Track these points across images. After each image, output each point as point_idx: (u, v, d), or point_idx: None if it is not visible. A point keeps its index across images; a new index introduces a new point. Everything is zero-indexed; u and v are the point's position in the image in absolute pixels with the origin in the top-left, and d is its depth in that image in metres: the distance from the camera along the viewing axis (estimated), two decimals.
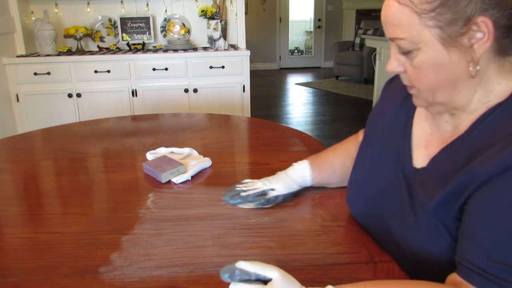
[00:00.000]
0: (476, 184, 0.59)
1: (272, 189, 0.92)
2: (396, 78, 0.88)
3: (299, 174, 0.95)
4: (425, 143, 0.74)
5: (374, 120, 0.90)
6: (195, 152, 1.25)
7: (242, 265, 0.58)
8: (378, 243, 0.77)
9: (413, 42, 0.63)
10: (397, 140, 0.79)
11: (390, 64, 0.69)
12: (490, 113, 0.64)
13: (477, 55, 0.61)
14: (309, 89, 6.57)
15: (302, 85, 6.90)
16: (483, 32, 0.59)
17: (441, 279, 0.61)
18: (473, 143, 0.64)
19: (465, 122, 0.67)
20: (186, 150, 1.24)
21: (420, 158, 0.73)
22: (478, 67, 0.62)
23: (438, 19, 0.60)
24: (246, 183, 0.97)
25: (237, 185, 0.97)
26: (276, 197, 0.91)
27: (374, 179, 0.81)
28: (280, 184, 0.93)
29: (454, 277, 0.60)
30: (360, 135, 0.97)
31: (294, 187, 0.94)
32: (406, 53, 0.65)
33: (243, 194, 0.92)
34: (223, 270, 0.58)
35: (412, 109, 0.79)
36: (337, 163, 0.98)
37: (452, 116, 0.70)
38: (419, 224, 0.67)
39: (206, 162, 1.17)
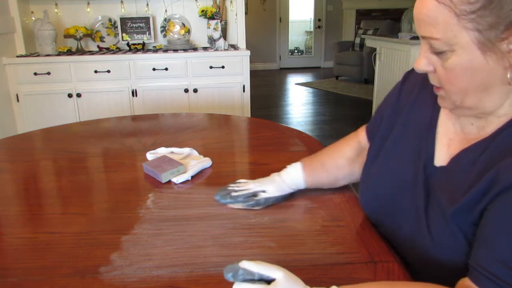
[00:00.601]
0: (497, 189, 0.57)
1: (264, 191, 0.92)
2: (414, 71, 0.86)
3: (291, 176, 0.94)
4: (448, 141, 0.72)
5: (389, 114, 0.86)
6: (195, 152, 1.25)
7: (246, 264, 0.57)
8: (389, 241, 0.77)
9: (448, 44, 0.60)
10: (421, 135, 0.76)
11: (419, 62, 0.66)
12: None
13: None
14: (309, 89, 6.57)
15: (302, 85, 6.90)
16: None
17: (453, 283, 0.60)
18: (498, 147, 0.62)
19: (492, 125, 0.65)
20: (186, 150, 1.24)
21: (442, 156, 0.72)
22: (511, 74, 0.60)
23: (478, 21, 0.57)
24: (239, 183, 0.97)
25: (230, 185, 0.96)
26: (267, 199, 0.91)
27: (389, 175, 0.79)
28: (272, 186, 0.92)
29: (465, 281, 0.59)
30: (360, 134, 0.96)
31: (286, 190, 0.94)
32: (439, 53, 0.62)
33: (233, 194, 0.91)
34: (226, 269, 0.57)
35: (436, 108, 0.77)
36: (330, 164, 0.96)
37: (478, 119, 0.68)
38: (434, 227, 0.66)
39: (206, 162, 1.17)
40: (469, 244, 0.62)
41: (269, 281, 0.57)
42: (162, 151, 1.26)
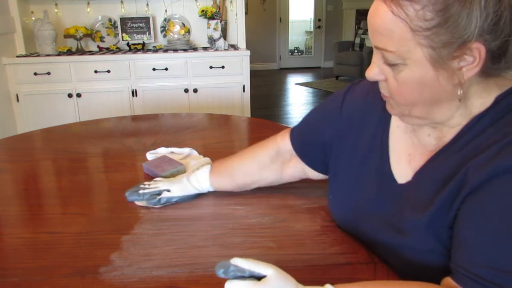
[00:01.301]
0: (468, 190, 0.58)
1: (168, 190, 0.95)
2: (355, 85, 0.85)
3: (197, 179, 0.96)
4: (408, 157, 0.71)
5: (323, 136, 0.85)
6: (195, 152, 1.25)
7: (237, 261, 0.58)
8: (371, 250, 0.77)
9: (401, 57, 0.59)
10: (374, 157, 0.75)
11: (370, 70, 0.65)
12: (474, 123, 0.63)
13: (465, 78, 0.59)
14: (309, 89, 6.57)
15: (302, 85, 6.90)
16: (474, 57, 0.57)
17: (436, 282, 0.61)
18: (460, 152, 0.62)
19: (449, 134, 0.66)
20: (186, 150, 1.24)
21: (404, 173, 0.71)
22: (461, 91, 0.60)
23: (432, 39, 0.57)
24: (153, 182, 0.99)
25: (143, 183, 0.98)
26: (168, 198, 0.94)
27: (356, 196, 0.78)
28: (177, 186, 0.95)
29: (448, 280, 0.59)
30: (281, 139, 0.94)
31: (192, 191, 0.96)
32: (391, 65, 0.62)
33: (141, 191, 0.94)
34: (217, 266, 0.58)
35: (386, 121, 0.76)
36: (238, 170, 0.96)
37: (434, 129, 0.68)
38: (410, 236, 0.66)
39: (206, 162, 1.17)
40: (446, 247, 0.62)
41: (260, 277, 0.57)
42: (162, 151, 1.26)
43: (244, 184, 0.98)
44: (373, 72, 0.65)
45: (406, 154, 0.72)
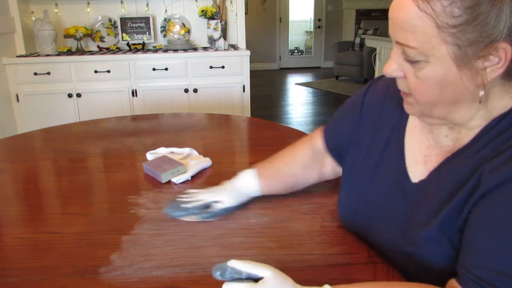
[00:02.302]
0: (480, 193, 0.57)
1: (217, 201, 0.88)
2: (377, 84, 0.83)
3: (246, 185, 0.92)
4: (424, 158, 0.70)
5: (351, 127, 0.84)
6: (195, 152, 1.25)
7: (234, 263, 0.57)
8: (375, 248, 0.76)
9: (424, 54, 0.57)
10: (390, 156, 0.75)
11: (389, 66, 0.63)
12: (492, 126, 0.61)
13: (488, 79, 0.57)
14: (309, 89, 6.57)
15: (302, 85, 6.90)
16: (499, 57, 0.55)
17: (440, 284, 0.61)
18: (476, 155, 0.61)
19: (467, 136, 0.64)
20: (186, 150, 1.24)
21: (419, 173, 0.70)
22: (483, 92, 0.59)
23: (459, 37, 0.55)
24: (189, 193, 0.92)
25: (180, 196, 0.91)
26: (225, 209, 0.88)
27: (370, 195, 0.77)
28: (227, 197, 0.89)
29: (453, 283, 0.59)
30: (315, 139, 0.93)
31: (241, 199, 0.91)
32: (412, 61, 0.60)
33: (183, 205, 0.88)
34: (214, 268, 0.57)
35: (403, 121, 0.75)
36: (285, 172, 0.95)
37: (451, 130, 0.67)
38: (419, 238, 0.65)
39: (206, 162, 1.17)
40: (455, 250, 0.62)
41: (257, 279, 0.57)
42: (162, 151, 1.26)
43: (293, 185, 0.95)
44: (392, 68, 0.63)
45: (422, 155, 0.71)
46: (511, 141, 0.58)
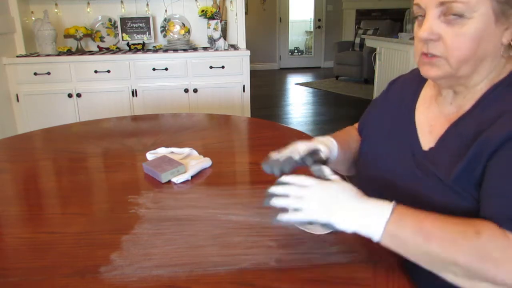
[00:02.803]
0: (492, 148, 0.64)
1: (316, 151, 0.79)
2: (398, 80, 0.96)
3: (329, 145, 0.85)
4: (430, 128, 0.79)
5: (374, 118, 0.95)
6: (195, 152, 1.25)
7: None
8: None
9: (470, 8, 0.65)
10: (403, 131, 0.83)
11: (426, 27, 0.69)
12: (492, 90, 0.71)
13: (510, 38, 0.68)
14: (309, 89, 6.57)
15: (302, 85, 6.90)
16: None
17: None
18: (480, 117, 0.69)
19: (469, 101, 0.73)
20: (186, 150, 1.24)
21: (426, 142, 0.78)
22: (503, 50, 0.69)
23: None
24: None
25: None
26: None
27: (384, 168, 0.84)
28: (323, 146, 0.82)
29: (488, 224, 0.62)
30: (355, 128, 1.03)
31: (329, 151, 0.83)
32: (454, 18, 0.67)
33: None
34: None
35: (414, 98, 0.86)
36: (353, 143, 0.96)
37: (456, 96, 0.76)
38: (439, 198, 0.71)
39: (206, 162, 1.17)
40: (475, 204, 0.67)
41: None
42: (162, 151, 1.26)
43: (354, 161, 0.96)
44: (428, 30, 0.69)
45: (429, 125, 0.80)
46: (508, 103, 0.67)
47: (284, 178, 0.68)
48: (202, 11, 3.13)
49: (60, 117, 2.87)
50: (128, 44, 3.18)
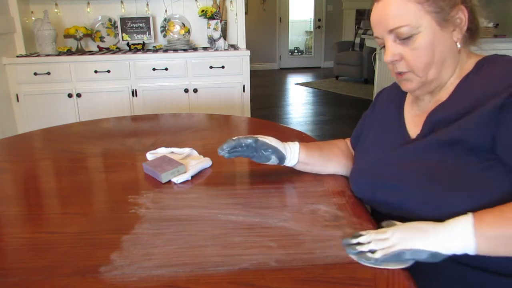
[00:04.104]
0: (496, 111, 0.72)
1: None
2: (383, 91, 1.07)
3: (290, 147, 1.02)
4: (414, 123, 0.89)
5: (367, 122, 1.04)
6: (195, 152, 1.25)
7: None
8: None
9: (414, 27, 0.77)
10: (393, 125, 0.93)
11: (388, 53, 0.81)
12: (463, 80, 0.81)
13: (460, 35, 0.80)
14: (309, 89, 6.57)
15: (302, 85, 6.90)
16: (460, 18, 0.79)
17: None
18: (458, 102, 0.79)
19: (445, 94, 0.83)
20: (186, 150, 1.24)
21: (413, 132, 0.87)
22: (460, 45, 0.80)
23: (434, 5, 0.77)
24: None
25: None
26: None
27: (373, 155, 0.93)
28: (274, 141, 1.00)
29: None
30: (346, 140, 1.13)
31: (282, 149, 1.00)
32: (406, 39, 0.79)
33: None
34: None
35: (400, 104, 0.96)
36: (325, 147, 1.08)
37: (432, 95, 0.87)
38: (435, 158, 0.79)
39: (206, 162, 1.17)
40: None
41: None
42: (162, 151, 1.26)
43: (327, 160, 1.05)
44: (390, 54, 0.81)
45: (413, 122, 0.89)
46: (489, 81, 0.77)
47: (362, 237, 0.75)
48: (202, 11, 3.13)
49: (60, 117, 2.87)
50: (128, 44, 3.18)
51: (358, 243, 0.72)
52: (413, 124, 0.89)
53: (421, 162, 0.79)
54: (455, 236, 0.66)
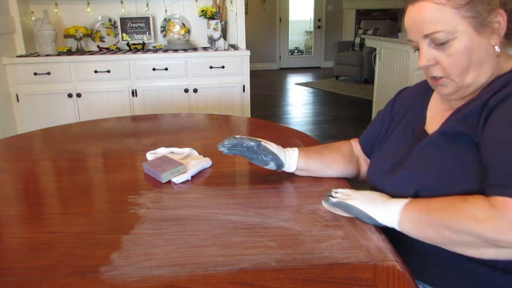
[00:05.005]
0: (487, 111, 0.74)
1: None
2: (405, 89, 1.05)
3: (289, 154, 1.02)
4: (441, 118, 0.86)
5: (386, 121, 1.02)
6: (195, 152, 1.25)
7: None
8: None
9: (450, 33, 0.76)
10: (412, 131, 0.92)
11: (422, 58, 0.80)
12: (495, 80, 0.79)
13: (498, 39, 0.77)
14: (309, 89, 6.57)
15: (302, 85, 6.90)
16: (500, 21, 0.77)
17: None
18: (481, 98, 0.77)
19: (476, 92, 0.81)
20: (186, 150, 1.24)
21: (433, 128, 0.86)
22: (498, 49, 0.78)
23: (472, 10, 0.75)
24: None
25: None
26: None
27: (388, 148, 0.94)
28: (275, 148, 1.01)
29: (494, 198, 0.67)
30: (353, 143, 1.10)
31: (282, 157, 1.01)
32: (441, 44, 0.77)
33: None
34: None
35: (424, 101, 0.94)
36: (325, 153, 1.06)
37: (469, 96, 0.83)
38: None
39: (206, 162, 1.17)
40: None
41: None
42: (162, 151, 1.26)
43: (327, 167, 1.04)
44: (425, 59, 0.80)
45: (442, 116, 0.87)
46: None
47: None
48: (202, 11, 3.13)
49: (60, 117, 2.87)
50: (128, 44, 3.18)
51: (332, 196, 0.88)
52: (439, 120, 0.87)
53: (434, 157, 0.80)
54: (387, 211, 0.78)
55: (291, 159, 1.01)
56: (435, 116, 0.89)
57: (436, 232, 0.72)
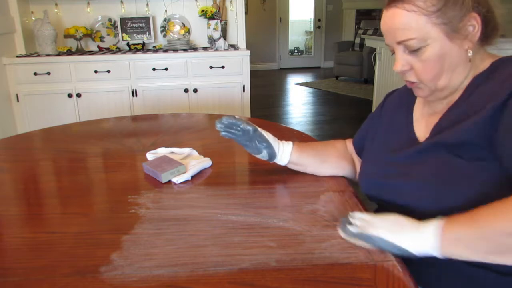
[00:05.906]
0: (500, 101, 0.71)
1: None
2: (393, 92, 1.05)
3: (283, 149, 1.02)
4: (425, 123, 0.87)
5: (375, 123, 1.02)
6: (195, 152, 1.25)
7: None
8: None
9: (422, 40, 0.76)
10: (401, 131, 0.92)
11: (397, 64, 0.81)
12: (474, 80, 0.80)
13: (472, 43, 0.77)
14: (309, 89, 6.57)
15: (302, 85, 6.90)
16: (474, 25, 0.76)
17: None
18: (468, 103, 0.78)
19: (457, 94, 0.82)
20: (186, 150, 1.24)
21: (423, 135, 0.86)
22: (471, 53, 0.78)
23: (443, 16, 0.75)
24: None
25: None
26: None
27: (382, 155, 0.92)
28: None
29: None
30: (347, 143, 1.11)
31: (275, 147, 1.01)
32: (414, 51, 0.78)
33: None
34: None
35: (410, 104, 0.94)
36: (320, 149, 1.07)
37: (445, 98, 0.84)
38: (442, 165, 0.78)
39: (206, 162, 1.17)
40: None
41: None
42: (162, 151, 1.26)
43: (321, 161, 1.05)
44: (400, 65, 0.81)
45: (426, 121, 0.88)
46: (499, 80, 0.75)
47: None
48: (202, 11, 3.13)
49: (60, 117, 2.87)
50: (128, 44, 3.18)
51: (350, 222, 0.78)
52: (424, 124, 0.88)
53: (428, 164, 0.79)
54: (422, 238, 0.68)
55: (284, 151, 1.02)
56: (419, 120, 0.90)
57: (492, 244, 0.64)
